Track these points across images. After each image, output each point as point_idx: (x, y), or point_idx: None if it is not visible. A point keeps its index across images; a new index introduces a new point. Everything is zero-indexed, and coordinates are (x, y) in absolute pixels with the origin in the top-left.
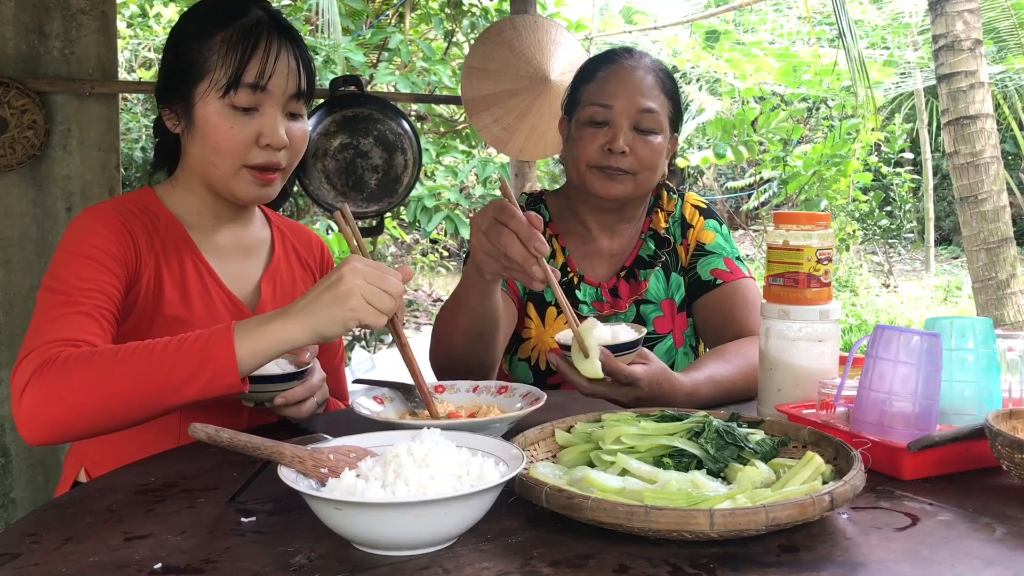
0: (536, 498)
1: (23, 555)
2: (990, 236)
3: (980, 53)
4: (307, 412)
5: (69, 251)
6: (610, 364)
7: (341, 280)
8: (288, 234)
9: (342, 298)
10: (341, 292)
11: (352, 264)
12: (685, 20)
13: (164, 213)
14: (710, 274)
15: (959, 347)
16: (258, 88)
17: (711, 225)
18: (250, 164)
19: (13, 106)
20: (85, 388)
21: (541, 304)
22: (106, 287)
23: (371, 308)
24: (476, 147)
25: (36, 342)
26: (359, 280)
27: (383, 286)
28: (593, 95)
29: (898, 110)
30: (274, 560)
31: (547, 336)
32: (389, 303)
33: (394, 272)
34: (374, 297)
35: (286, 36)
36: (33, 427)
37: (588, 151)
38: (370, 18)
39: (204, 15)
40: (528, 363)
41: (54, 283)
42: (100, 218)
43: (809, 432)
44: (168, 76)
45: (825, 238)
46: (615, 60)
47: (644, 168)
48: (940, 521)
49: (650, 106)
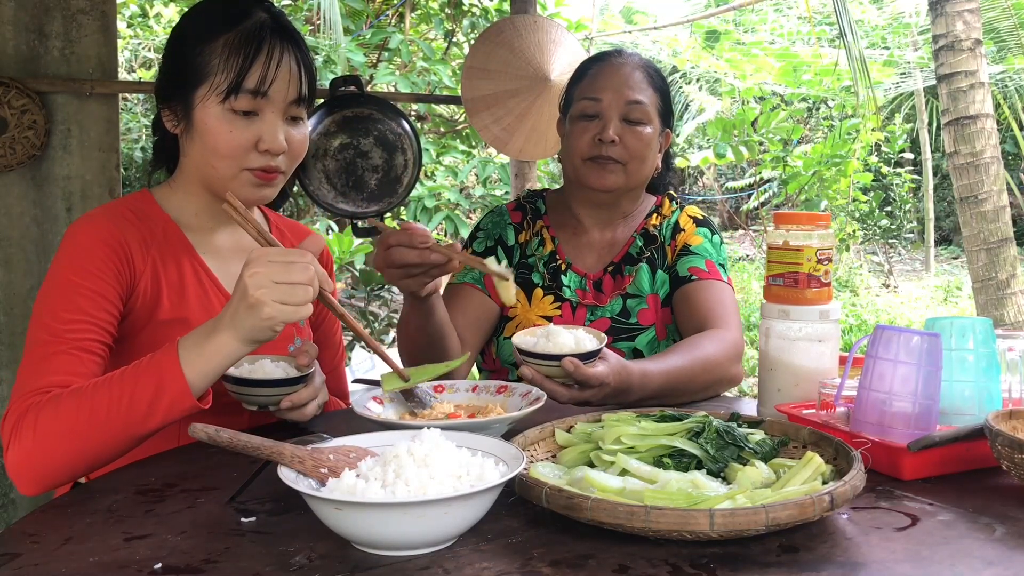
0: (536, 498)
1: (23, 555)
2: (990, 236)
3: (980, 53)
4: (310, 414)
5: (60, 277)
6: (580, 372)
7: (246, 292)
8: (287, 233)
9: (255, 310)
10: (251, 304)
11: (252, 269)
12: (685, 20)
13: (161, 216)
14: (688, 271)
15: (959, 347)
16: (259, 94)
17: (702, 232)
18: (249, 168)
19: (13, 106)
20: (57, 440)
21: (528, 285)
22: (96, 313)
23: (287, 307)
24: (476, 147)
25: (19, 390)
26: (264, 286)
27: (291, 279)
28: (584, 91)
29: (898, 110)
30: (274, 560)
31: (532, 315)
32: (304, 293)
33: (298, 253)
34: (286, 295)
35: (289, 40)
36: (22, 484)
37: (580, 143)
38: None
39: (206, 16)
40: None
41: (42, 318)
42: (92, 233)
43: (809, 432)
44: (168, 77)
45: (825, 238)
46: (604, 59)
47: (634, 157)
48: (940, 521)
49: (638, 98)
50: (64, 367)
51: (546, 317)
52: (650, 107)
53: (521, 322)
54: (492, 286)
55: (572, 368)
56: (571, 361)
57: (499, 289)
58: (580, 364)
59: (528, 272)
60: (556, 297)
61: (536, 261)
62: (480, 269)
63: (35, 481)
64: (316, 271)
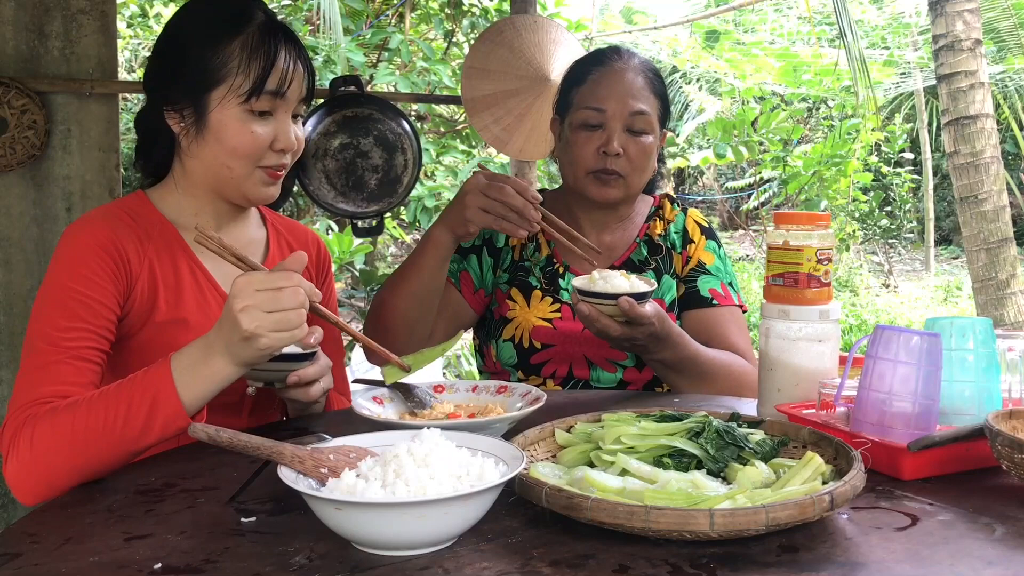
0: (536, 498)
1: (23, 555)
2: (990, 236)
3: (980, 53)
4: (315, 395)
5: (57, 283)
6: (634, 311)
7: (238, 326)
8: (284, 233)
9: (251, 343)
10: (246, 338)
11: (241, 303)
12: (685, 20)
13: (157, 217)
14: (708, 292)
15: (959, 347)
16: (278, 95)
17: (711, 247)
18: (262, 166)
19: (13, 106)
20: (53, 454)
21: (526, 287)
22: (93, 319)
23: (282, 334)
24: (476, 147)
25: (16, 401)
26: (257, 319)
27: (282, 306)
28: (585, 99)
29: (898, 110)
30: (274, 560)
31: (531, 316)
32: (297, 318)
33: (284, 276)
34: (279, 323)
35: (293, 40)
36: (20, 495)
37: (583, 156)
38: (370, 18)
39: (207, 17)
40: (512, 343)
41: (39, 326)
42: (87, 238)
43: (809, 432)
44: (174, 79)
45: (825, 238)
46: (605, 62)
47: (635, 169)
48: (940, 521)
49: (642, 108)
50: (62, 377)
51: (545, 319)
52: (652, 115)
53: (520, 323)
54: (467, 285)
55: (627, 306)
56: (627, 300)
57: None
58: (635, 303)
59: (526, 275)
60: (555, 299)
61: (532, 266)
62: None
63: (33, 492)
64: (305, 289)
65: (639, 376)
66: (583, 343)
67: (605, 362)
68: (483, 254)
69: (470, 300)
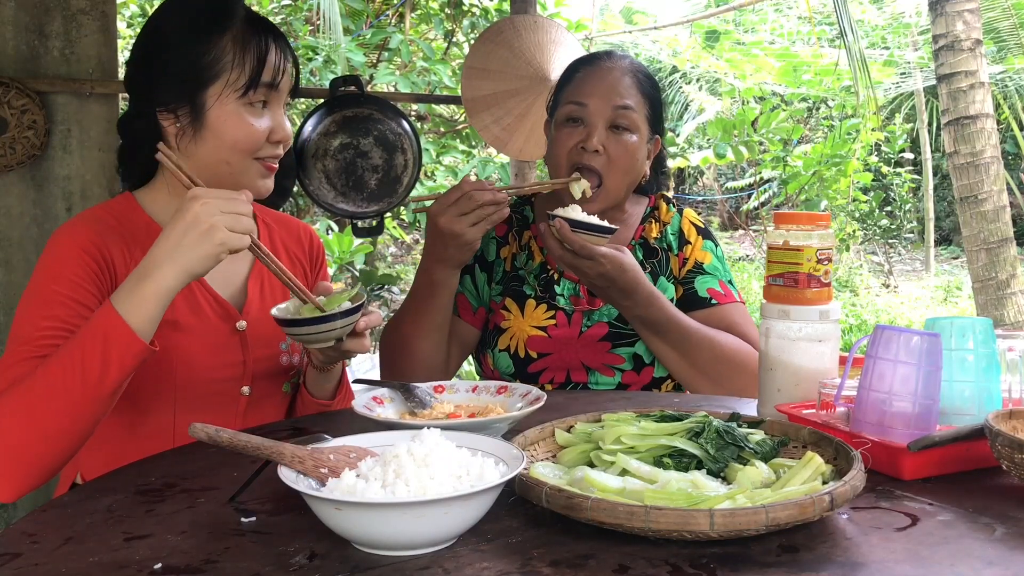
0: (536, 498)
1: (23, 555)
2: (990, 236)
3: (980, 53)
4: (368, 346)
5: (40, 285)
6: (565, 234)
7: (198, 219)
8: (275, 228)
9: (207, 236)
10: (204, 231)
11: (202, 199)
12: (685, 20)
13: (143, 219)
14: (707, 292)
15: (959, 347)
16: (273, 86)
17: (708, 246)
18: (259, 158)
19: (13, 106)
20: (19, 431)
21: (520, 296)
22: (73, 320)
23: (235, 234)
24: (476, 147)
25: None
26: (216, 213)
27: (237, 209)
28: (570, 94)
29: (898, 110)
30: (274, 560)
31: (525, 325)
32: (248, 223)
33: (235, 193)
34: (234, 222)
35: (276, 31)
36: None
37: (562, 151)
38: (370, 18)
39: (190, 15)
40: (508, 352)
41: (18, 326)
42: (70, 241)
43: (809, 432)
44: (164, 79)
45: (825, 238)
46: (593, 62)
47: (615, 169)
48: (940, 521)
49: (625, 103)
50: None
51: (539, 327)
52: (638, 114)
53: (515, 333)
54: (465, 308)
55: (559, 226)
56: (560, 221)
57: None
58: (566, 226)
59: (520, 284)
60: (549, 306)
61: (526, 274)
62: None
63: (13, 485)
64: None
65: (637, 379)
66: (580, 349)
67: (603, 367)
68: (475, 272)
69: (471, 321)
